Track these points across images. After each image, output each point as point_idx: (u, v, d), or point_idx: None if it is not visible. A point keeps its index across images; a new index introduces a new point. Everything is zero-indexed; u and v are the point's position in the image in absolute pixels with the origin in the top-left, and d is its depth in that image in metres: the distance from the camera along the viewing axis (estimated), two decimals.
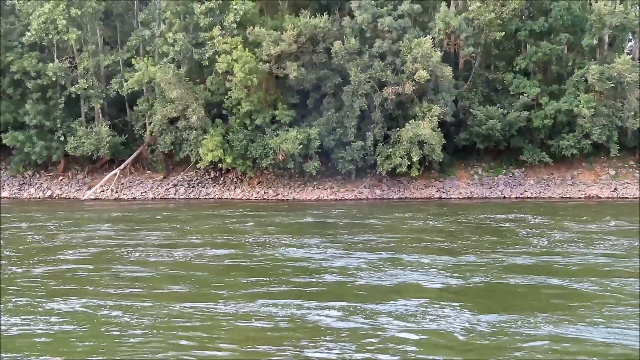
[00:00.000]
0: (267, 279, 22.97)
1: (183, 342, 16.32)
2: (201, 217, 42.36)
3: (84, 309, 19.21)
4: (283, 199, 52.40)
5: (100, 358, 15.37)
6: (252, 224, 37.80)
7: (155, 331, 17.13)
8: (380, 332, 16.89)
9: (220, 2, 52.33)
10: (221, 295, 20.66)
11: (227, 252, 28.60)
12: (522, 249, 28.32)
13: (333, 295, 20.82)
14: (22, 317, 18.41)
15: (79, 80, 55.30)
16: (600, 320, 17.61)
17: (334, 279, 23.14)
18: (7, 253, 28.45)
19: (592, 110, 50.46)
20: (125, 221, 39.76)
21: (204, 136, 52.21)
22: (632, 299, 19.59)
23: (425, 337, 16.45)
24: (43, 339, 16.66)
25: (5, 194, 56.66)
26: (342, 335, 16.66)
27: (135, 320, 18.06)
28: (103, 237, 33.35)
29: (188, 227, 36.83)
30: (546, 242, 29.99)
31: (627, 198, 50.33)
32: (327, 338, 16.50)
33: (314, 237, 32.14)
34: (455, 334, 16.56)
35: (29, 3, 55.91)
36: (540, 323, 17.31)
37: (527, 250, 27.98)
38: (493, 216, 40.17)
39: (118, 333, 17.03)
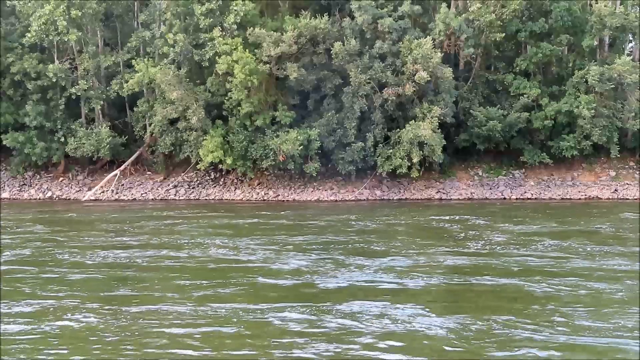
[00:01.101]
0: (206, 281, 23.03)
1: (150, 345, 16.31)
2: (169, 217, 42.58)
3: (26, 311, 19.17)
4: (283, 200, 52.38)
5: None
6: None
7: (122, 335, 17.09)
8: (347, 332, 17.02)
9: (221, 3, 52.34)
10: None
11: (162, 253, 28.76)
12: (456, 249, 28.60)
13: (282, 296, 20.90)
14: None
15: (80, 82, 55.28)
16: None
17: (268, 281, 23.19)
18: None
19: (593, 111, 50.47)
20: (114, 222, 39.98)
21: (204, 137, 52.21)
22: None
23: (399, 341, 16.39)
24: None
25: (5, 195, 56.63)
26: (307, 336, 16.73)
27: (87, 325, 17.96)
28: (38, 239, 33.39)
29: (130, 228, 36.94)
30: (480, 244, 30.06)
31: (628, 199, 50.31)
32: (288, 339, 16.65)
33: (255, 238, 32.32)
34: (441, 339, 16.60)
35: (29, 4, 55.91)
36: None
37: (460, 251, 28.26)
38: (443, 217, 40.30)
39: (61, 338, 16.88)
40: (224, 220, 40.03)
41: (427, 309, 18.79)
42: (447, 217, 39.73)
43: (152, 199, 54.09)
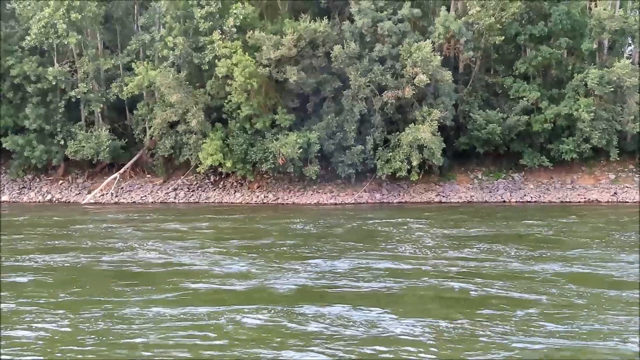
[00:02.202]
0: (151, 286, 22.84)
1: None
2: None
3: None
4: (283, 203, 52.38)
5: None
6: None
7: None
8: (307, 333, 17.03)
9: (220, 6, 52.39)
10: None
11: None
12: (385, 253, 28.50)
13: (237, 299, 20.83)
14: None
15: (79, 84, 55.31)
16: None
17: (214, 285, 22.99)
18: None
19: (592, 114, 50.49)
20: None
21: (204, 140, 52.23)
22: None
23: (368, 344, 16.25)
24: None
25: (5, 198, 56.67)
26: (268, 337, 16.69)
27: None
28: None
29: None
30: (409, 247, 30.01)
31: (627, 202, 50.26)
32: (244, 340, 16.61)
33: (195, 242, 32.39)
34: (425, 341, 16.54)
35: (29, 7, 55.98)
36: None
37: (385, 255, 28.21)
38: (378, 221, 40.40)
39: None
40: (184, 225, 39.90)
41: (391, 312, 18.67)
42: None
43: (152, 202, 54.09)
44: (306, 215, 44.19)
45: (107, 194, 55.05)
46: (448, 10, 53.53)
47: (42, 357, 15.57)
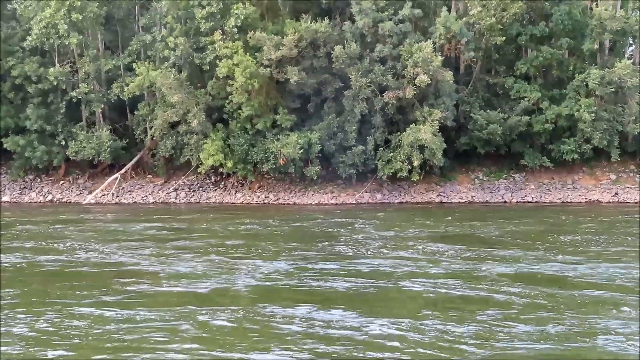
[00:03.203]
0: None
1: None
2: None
3: None
4: (284, 203, 52.38)
5: None
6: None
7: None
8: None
9: (221, 6, 52.41)
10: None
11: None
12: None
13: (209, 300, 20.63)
14: None
15: (80, 85, 55.32)
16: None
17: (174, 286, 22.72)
18: None
19: (593, 114, 50.47)
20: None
21: (205, 140, 52.23)
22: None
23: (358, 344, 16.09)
24: None
25: (6, 198, 56.68)
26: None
27: None
28: None
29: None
30: (353, 248, 29.85)
31: (628, 203, 50.21)
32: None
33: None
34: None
35: (30, 7, 56.03)
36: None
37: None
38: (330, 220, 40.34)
39: None
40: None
41: (357, 312, 18.53)
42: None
43: (153, 202, 54.10)
44: (282, 215, 44.32)
45: (108, 194, 55.06)
46: (449, 10, 53.58)
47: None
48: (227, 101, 52.54)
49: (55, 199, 56.39)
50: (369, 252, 28.50)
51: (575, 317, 17.70)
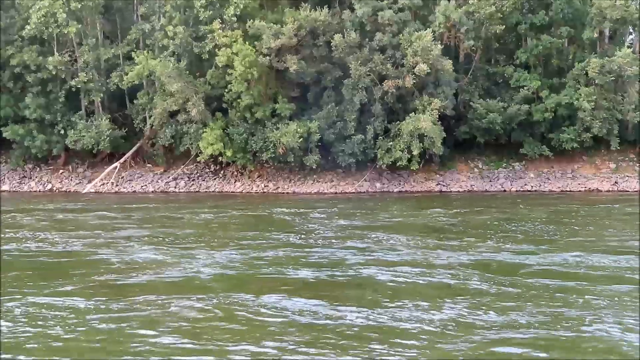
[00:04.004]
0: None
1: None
2: None
3: None
4: (283, 192, 52.41)
5: None
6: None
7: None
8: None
9: None
10: None
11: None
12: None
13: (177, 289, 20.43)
14: None
15: (79, 74, 55.24)
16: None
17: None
18: None
19: (593, 103, 50.43)
20: None
21: (204, 129, 52.20)
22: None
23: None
24: None
25: (5, 187, 56.70)
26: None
27: None
28: None
29: None
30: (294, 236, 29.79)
31: (628, 191, 50.26)
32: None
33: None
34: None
35: None
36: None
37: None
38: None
39: None
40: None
41: (326, 301, 18.35)
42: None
43: (153, 192, 54.15)
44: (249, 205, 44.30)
45: (107, 183, 55.08)
46: None
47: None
48: (226, 90, 52.46)
49: (54, 188, 56.42)
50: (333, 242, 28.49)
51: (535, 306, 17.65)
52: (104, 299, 18.68)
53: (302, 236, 30.03)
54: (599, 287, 19.32)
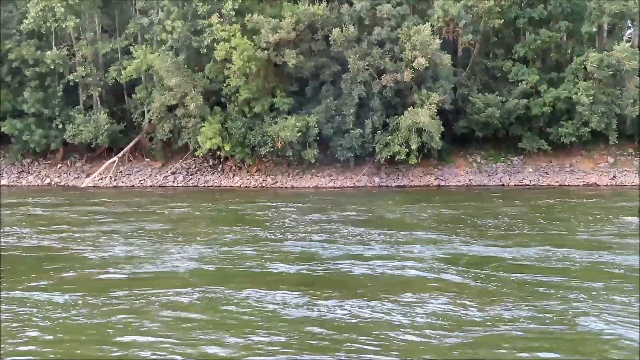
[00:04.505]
0: None
1: None
2: None
3: None
4: (282, 187, 52.40)
5: None
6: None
7: None
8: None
9: None
10: None
11: None
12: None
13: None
14: None
15: (77, 68, 55.23)
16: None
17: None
18: None
19: (591, 98, 50.37)
20: None
21: (203, 124, 52.18)
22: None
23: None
24: None
25: (3, 182, 56.72)
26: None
27: None
28: None
29: None
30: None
31: (626, 186, 50.25)
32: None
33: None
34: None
35: None
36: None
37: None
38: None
39: None
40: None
41: (307, 294, 18.29)
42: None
43: (151, 186, 54.13)
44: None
45: (105, 177, 55.06)
46: None
47: None
48: (224, 84, 52.44)
49: (53, 183, 56.41)
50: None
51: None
52: (82, 294, 18.43)
53: (273, 230, 29.99)
54: (576, 283, 19.24)
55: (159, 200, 43.96)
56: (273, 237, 28.13)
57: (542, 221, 32.34)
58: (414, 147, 49.24)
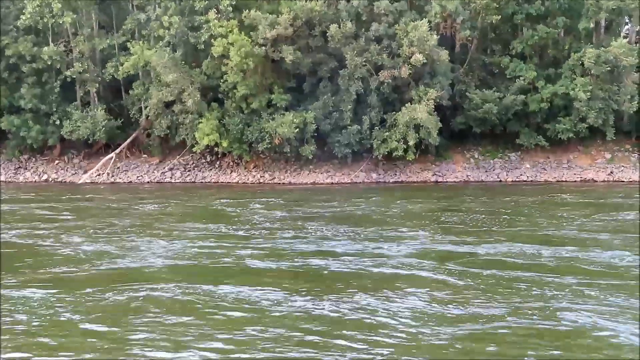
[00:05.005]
0: None
1: None
2: None
3: None
4: (279, 183, 52.41)
5: None
6: None
7: None
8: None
9: None
10: None
11: None
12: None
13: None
14: None
15: (74, 64, 55.17)
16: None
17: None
18: None
19: (589, 93, 50.41)
20: None
21: (200, 120, 52.17)
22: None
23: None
24: None
25: (1, 178, 56.62)
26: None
27: None
28: None
29: None
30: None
31: (623, 182, 50.34)
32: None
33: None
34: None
35: None
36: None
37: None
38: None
39: None
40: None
41: (279, 290, 18.17)
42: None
43: (148, 182, 54.12)
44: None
45: (103, 174, 55.04)
46: None
47: None
48: (222, 80, 52.43)
49: (50, 179, 56.39)
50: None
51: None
52: (54, 291, 18.10)
53: (244, 227, 29.90)
54: (548, 278, 19.07)
55: (169, 194, 43.98)
56: (240, 233, 28.00)
57: (515, 218, 31.93)
58: (411, 143, 49.26)
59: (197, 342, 14.28)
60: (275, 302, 17.15)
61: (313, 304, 16.89)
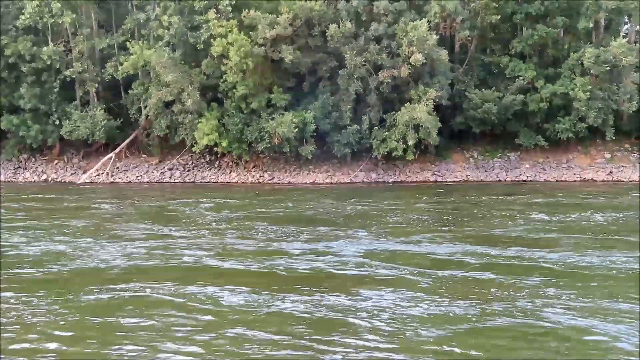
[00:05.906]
0: None
1: None
2: None
3: None
4: (279, 183, 52.40)
5: None
6: None
7: None
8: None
9: None
10: None
11: None
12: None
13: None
14: None
15: (74, 64, 55.16)
16: None
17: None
18: None
19: (588, 93, 50.43)
20: None
21: (200, 120, 52.16)
22: None
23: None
24: None
25: (0, 178, 56.58)
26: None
27: None
28: None
29: None
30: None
31: (623, 181, 50.34)
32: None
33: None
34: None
35: None
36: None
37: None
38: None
39: None
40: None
41: (264, 290, 18.08)
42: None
43: (148, 182, 54.10)
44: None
45: (102, 173, 55.01)
46: None
47: None
48: (221, 80, 52.40)
49: (49, 179, 56.37)
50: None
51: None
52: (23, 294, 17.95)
53: (189, 226, 29.84)
54: (512, 279, 19.12)
55: (163, 195, 43.89)
56: (181, 233, 27.89)
57: (467, 218, 31.94)
58: (411, 143, 49.24)
59: (164, 344, 14.22)
60: (244, 301, 17.13)
61: (279, 303, 16.94)
